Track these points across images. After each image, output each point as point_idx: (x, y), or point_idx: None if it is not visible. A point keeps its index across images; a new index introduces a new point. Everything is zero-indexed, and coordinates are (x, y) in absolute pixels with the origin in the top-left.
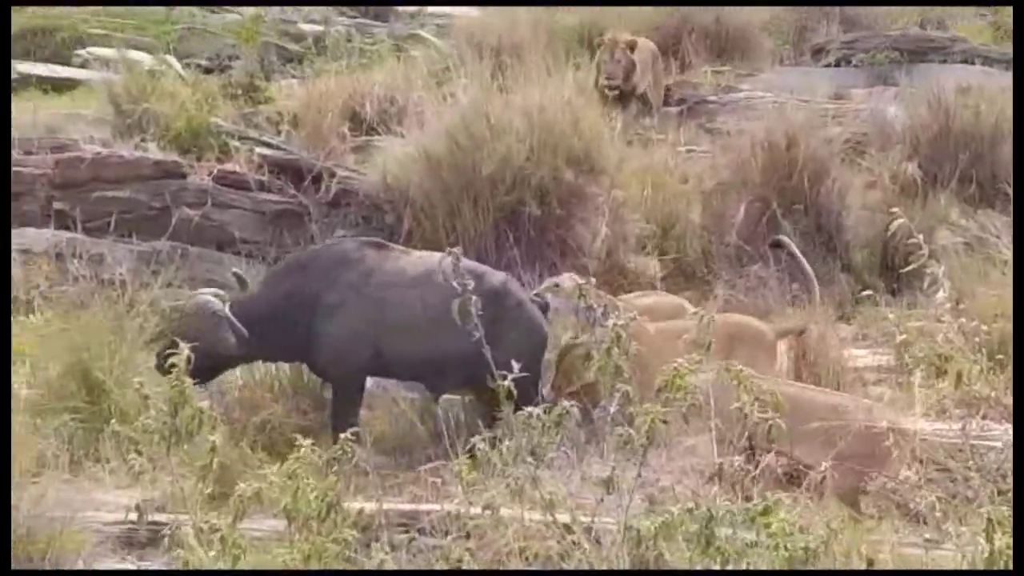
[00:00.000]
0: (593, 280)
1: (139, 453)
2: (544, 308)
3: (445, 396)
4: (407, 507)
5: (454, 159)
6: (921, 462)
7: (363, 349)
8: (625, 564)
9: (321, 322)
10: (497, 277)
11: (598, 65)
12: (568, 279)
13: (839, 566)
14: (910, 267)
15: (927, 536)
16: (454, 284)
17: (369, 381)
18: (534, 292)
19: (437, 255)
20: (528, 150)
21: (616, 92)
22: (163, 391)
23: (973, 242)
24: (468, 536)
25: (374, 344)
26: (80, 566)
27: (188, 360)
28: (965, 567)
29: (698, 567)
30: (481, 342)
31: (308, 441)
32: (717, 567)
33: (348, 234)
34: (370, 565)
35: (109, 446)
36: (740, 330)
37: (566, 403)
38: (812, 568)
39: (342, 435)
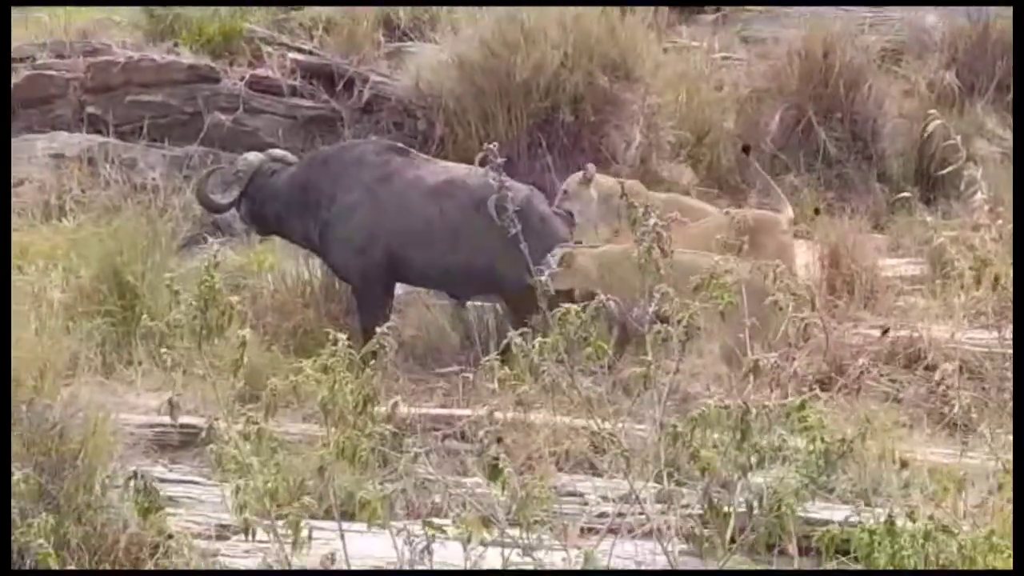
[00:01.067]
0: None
1: (170, 348)
2: (569, 221)
3: (474, 303)
4: (439, 411)
5: (488, 65)
6: (960, 369)
7: (374, 251)
8: (660, 463)
9: (335, 220)
10: (521, 191)
11: None
12: (579, 177)
13: (871, 467)
14: (948, 169)
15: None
16: (490, 180)
17: (399, 288)
18: (555, 205)
19: (462, 166)
20: (562, 56)
21: None
22: (193, 290)
23: (1010, 151)
24: (500, 440)
25: (387, 248)
26: (112, 467)
27: None
28: (998, 471)
29: (733, 465)
30: (517, 238)
31: (344, 336)
32: (753, 467)
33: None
34: (404, 460)
35: (141, 349)
36: (756, 223)
37: (602, 298)
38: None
39: (378, 329)
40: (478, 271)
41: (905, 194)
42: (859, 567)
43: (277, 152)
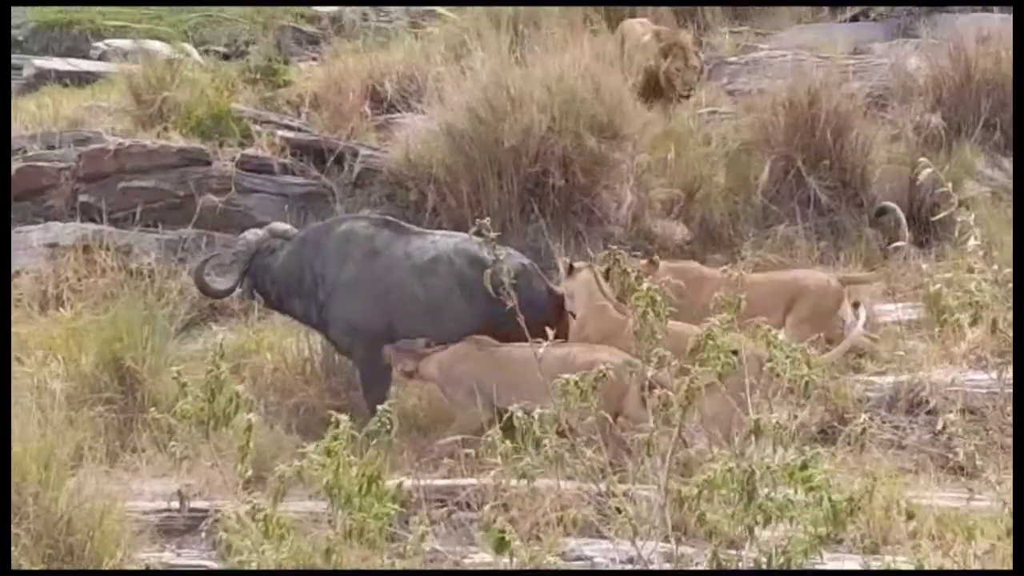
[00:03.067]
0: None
1: (177, 439)
2: (559, 298)
3: None
4: (444, 482)
5: (476, 133)
6: (962, 412)
7: (374, 324)
8: (668, 527)
9: (332, 300)
10: (513, 259)
11: (664, 69)
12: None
13: (878, 520)
14: (940, 216)
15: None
16: (486, 255)
17: None
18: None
19: (454, 236)
20: (550, 120)
21: (690, 95)
22: (198, 378)
23: (999, 190)
24: (506, 507)
25: (386, 320)
26: (119, 556)
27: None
28: (1006, 515)
29: (740, 527)
30: (515, 311)
31: (345, 417)
32: (760, 525)
33: (373, 214)
34: (411, 539)
35: (145, 436)
36: (804, 283)
37: (603, 367)
38: (853, 520)
39: (379, 407)
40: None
41: (900, 243)
42: None
43: (278, 227)
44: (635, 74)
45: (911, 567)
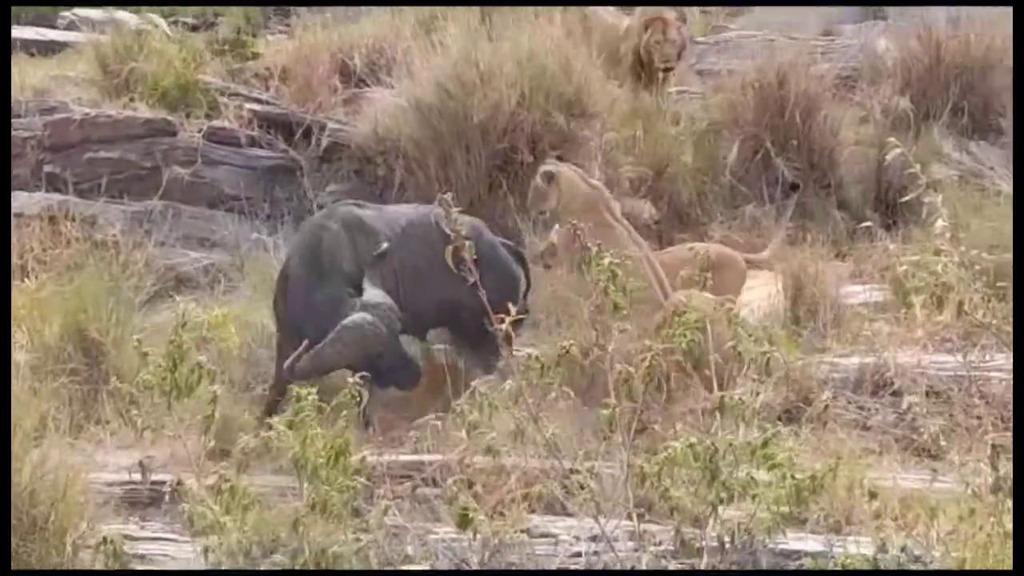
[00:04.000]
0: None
1: (139, 408)
2: (518, 254)
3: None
4: (410, 458)
5: (445, 108)
6: (927, 394)
7: None
8: (630, 504)
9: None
10: (468, 223)
11: (640, 43)
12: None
13: (841, 499)
14: (907, 197)
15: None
16: (447, 231)
17: None
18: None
19: (410, 207)
20: (519, 96)
21: (671, 71)
22: (161, 349)
23: (967, 174)
24: (471, 484)
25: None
26: (83, 528)
27: None
28: (969, 495)
29: (703, 505)
30: (477, 286)
31: (313, 389)
32: (723, 503)
33: (340, 187)
34: (374, 513)
35: (109, 407)
36: (718, 259)
37: (567, 343)
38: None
39: (350, 380)
40: (437, 305)
41: (867, 223)
42: None
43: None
44: (603, 57)
45: (874, 547)
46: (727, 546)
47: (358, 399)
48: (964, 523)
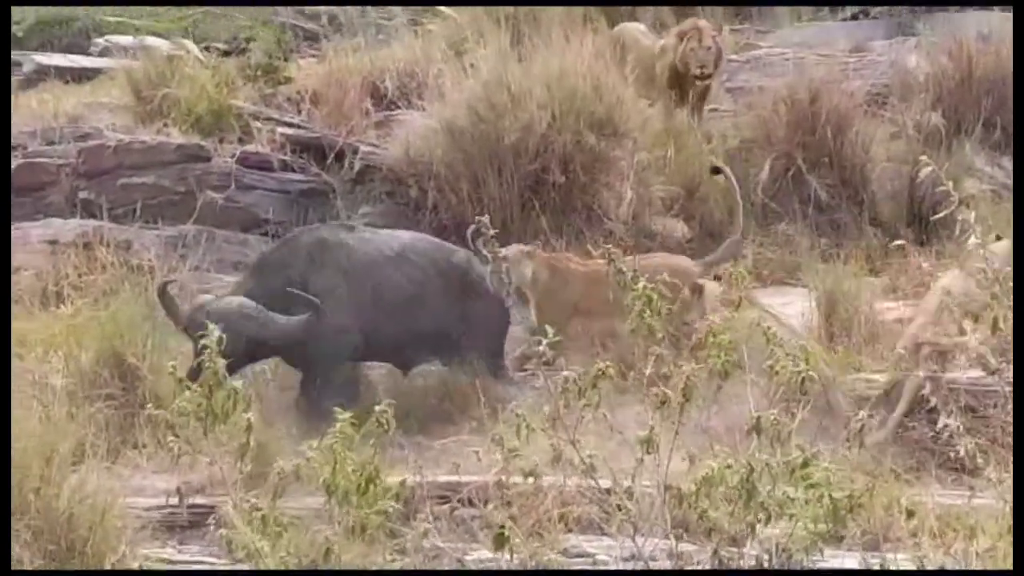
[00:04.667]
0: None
1: (176, 436)
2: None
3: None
4: (447, 478)
5: (476, 130)
6: (963, 410)
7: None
8: (667, 524)
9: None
10: (461, 254)
11: (676, 56)
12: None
13: (879, 518)
14: (940, 214)
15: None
16: (484, 253)
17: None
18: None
19: (404, 233)
20: (550, 117)
21: (708, 81)
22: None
23: (1000, 189)
24: (509, 504)
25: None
26: (122, 552)
27: None
28: (1007, 513)
29: (741, 524)
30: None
31: (347, 415)
32: (761, 523)
33: (373, 210)
34: (413, 536)
35: (146, 432)
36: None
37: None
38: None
39: (377, 408)
40: (431, 334)
41: (900, 241)
42: None
43: None
44: (634, 75)
45: (912, 565)
46: (765, 565)
47: (387, 426)
48: (1003, 540)
